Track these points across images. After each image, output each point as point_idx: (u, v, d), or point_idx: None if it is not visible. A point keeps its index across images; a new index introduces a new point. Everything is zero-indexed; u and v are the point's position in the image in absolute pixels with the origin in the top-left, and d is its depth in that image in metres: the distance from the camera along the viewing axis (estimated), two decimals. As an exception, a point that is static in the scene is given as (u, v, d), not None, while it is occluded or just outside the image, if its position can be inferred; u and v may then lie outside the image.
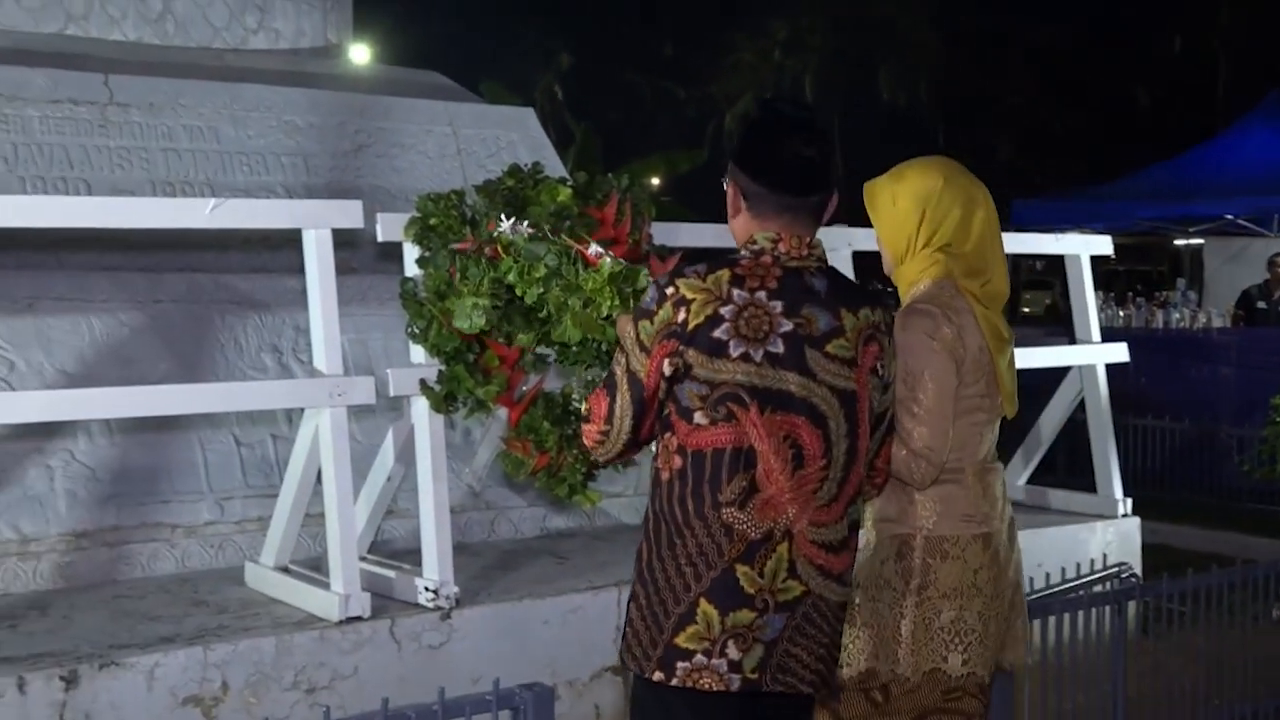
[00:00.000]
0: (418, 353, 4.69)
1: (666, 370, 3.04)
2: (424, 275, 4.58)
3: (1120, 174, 18.56)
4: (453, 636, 4.68)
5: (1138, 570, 6.14)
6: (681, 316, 3.02)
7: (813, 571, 3.07)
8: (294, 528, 4.98)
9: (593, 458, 3.46)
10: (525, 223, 4.39)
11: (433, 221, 4.56)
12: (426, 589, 4.70)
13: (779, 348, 3.03)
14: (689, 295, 3.04)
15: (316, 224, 4.67)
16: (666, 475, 3.08)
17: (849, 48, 41.51)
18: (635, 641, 3.11)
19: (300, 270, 4.77)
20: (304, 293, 4.74)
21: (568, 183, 4.57)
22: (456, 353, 4.56)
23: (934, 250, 3.46)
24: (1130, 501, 6.70)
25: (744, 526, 3.02)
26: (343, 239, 5.23)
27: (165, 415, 5.18)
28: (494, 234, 4.41)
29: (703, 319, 3.02)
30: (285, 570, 4.96)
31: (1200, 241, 18.86)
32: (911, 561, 3.40)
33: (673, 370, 3.04)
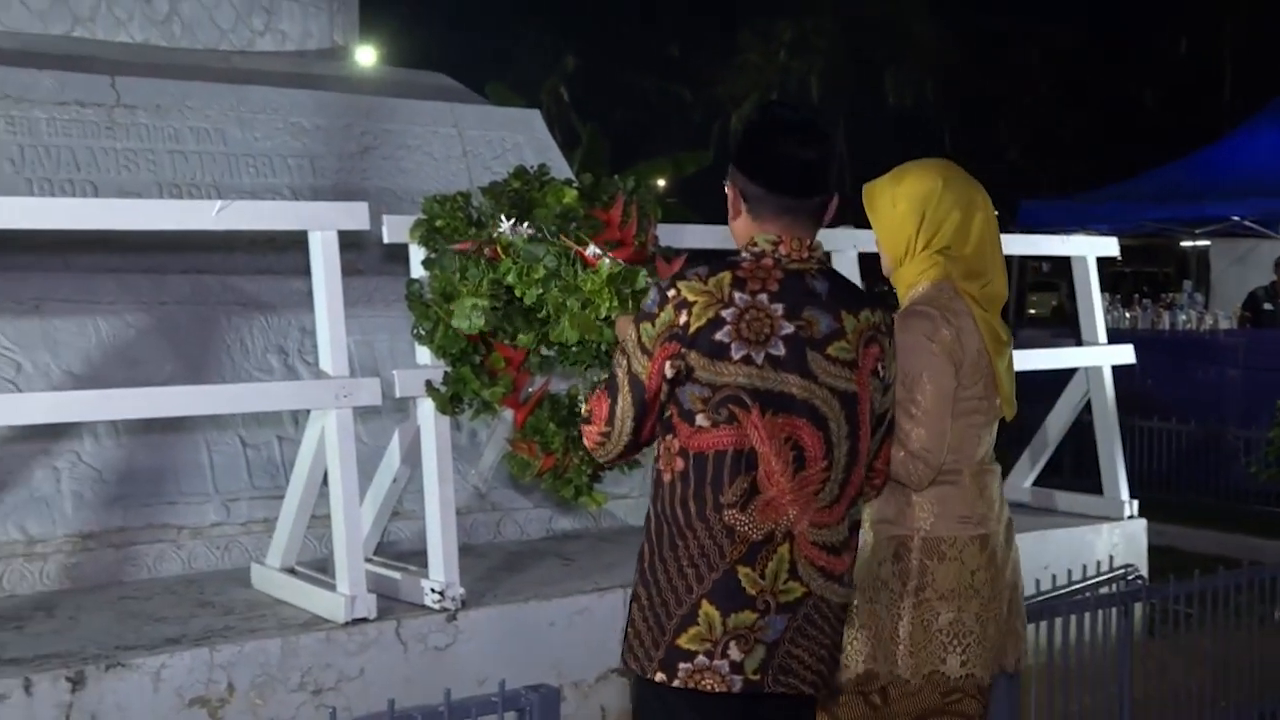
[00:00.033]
0: (424, 354, 4.69)
1: (668, 373, 3.04)
2: (430, 277, 4.58)
3: (1127, 175, 18.53)
4: (459, 638, 4.68)
5: (1144, 572, 6.14)
6: (683, 319, 3.03)
7: (814, 573, 3.08)
8: (300, 529, 4.99)
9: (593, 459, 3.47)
10: (525, 224, 4.39)
11: (438, 223, 4.56)
12: (432, 590, 4.70)
13: (780, 350, 3.03)
14: (690, 298, 3.04)
15: (323, 226, 4.68)
16: (668, 477, 3.09)
17: (855, 49, 41.51)
18: (637, 642, 3.12)
19: (306, 272, 4.77)
20: (310, 294, 4.74)
21: (573, 184, 4.57)
22: (462, 354, 4.56)
23: (933, 252, 3.47)
24: (1136, 503, 6.69)
25: (745, 528, 3.02)
26: (349, 241, 5.23)
27: (171, 417, 5.19)
28: (493, 235, 4.42)
29: (704, 322, 3.02)
30: (291, 572, 4.96)
31: (1207, 243, 18.84)
32: (909, 563, 3.40)
33: (674, 373, 3.04)
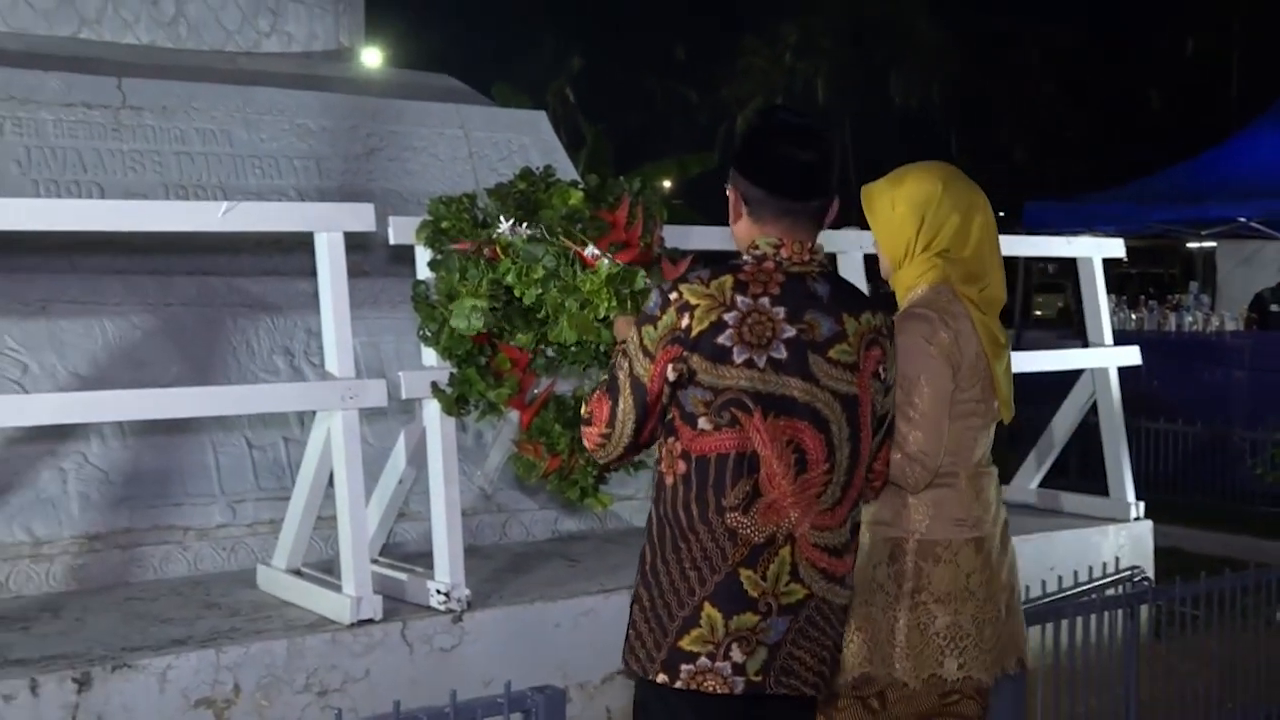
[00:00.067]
0: (429, 355, 4.70)
1: (671, 376, 3.05)
2: (436, 278, 4.58)
3: (1133, 177, 18.51)
4: (464, 639, 4.68)
5: (1150, 574, 6.13)
6: (685, 322, 3.03)
7: (815, 575, 3.09)
8: (306, 530, 4.99)
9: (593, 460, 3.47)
10: (524, 224, 4.40)
11: (444, 225, 4.57)
12: (438, 591, 4.70)
13: (782, 353, 3.04)
14: (693, 301, 3.04)
15: (329, 227, 4.68)
16: (670, 480, 3.09)
17: (861, 51, 41.51)
18: (639, 644, 3.13)
19: (312, 273, 4.77)
20: (316, 296, 4.74)
21: (579, 186, 4.57)
22: (468, 355, 4.56)
23: (932, 255, 3.47)
24: (1142, 505, 6.68)
25: (747, 531, 3.03)
26: (355, 242, 5.23)
27: (177, 418, 5.19)
28: (493, 235, 4.42)
29: (706, 325, 3.02)
30: (297, 573, 4.96)
31: (1213, 244, 18.82)
32: (904, 565, 3.40)
33: (677, 376, 3.05)
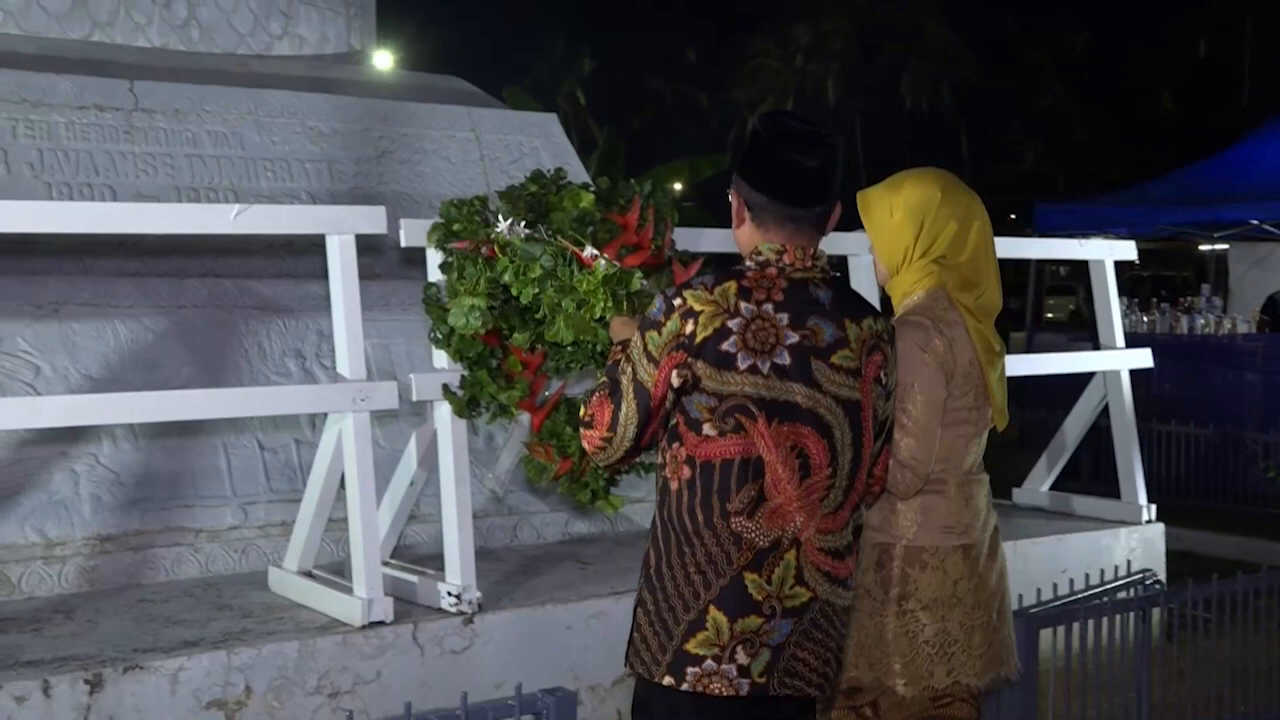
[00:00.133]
0: (440, 358, 4.70)
1: (675, 382, 3.06)
2: (447, 280, 4.59)
3: (1144, 179, 18.46)
4: (475, 641, 4.68)
5: (1162, 577, 6.12)
6: (689, 328, 3.04)
7: (820, 578, 3.10)
8: (317, 532, 4.99)
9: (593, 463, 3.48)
10: (522, 223, 4.40)
11: (456, 227, 4.57)
12: (449, 594, 4.70)
13: (785, 360, 3.06)
14: (697, 307, 3.05)
15: (340, 229, 4.69)
16: (675, 485, 3.11)
17: (871, 52, 41.49)
18: (644, 646, 3.14)
19: (324, 275, 4.78)
20: (327, 298, 4.75)
21: (590, 188, 4.57)
22: (479, 358, 4.56)
23: (929, 261, 3.47)
24: (1154, 508, 6.67)
25: (752, 535, 3.05)
26: (366, 244, 5.25)
27: (189, 420, 5.20)
28: (491, 234, 4.44)
29: (710, 331, 3.04)
30: (308, 575, 4.97)
31: (1225, 247, 18.76)
32: (891, 571, 3.40)
33: (681, 382, 3.06)
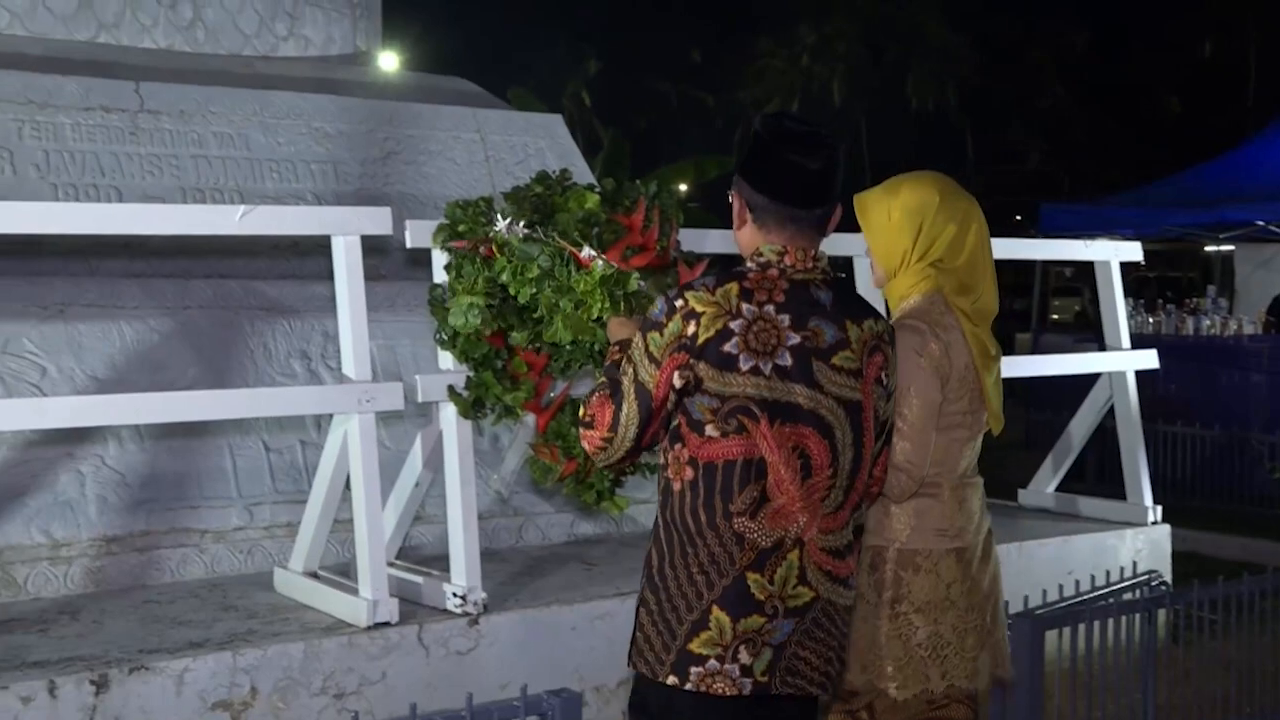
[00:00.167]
0: (446, 359, 4.70)
1: (677, 383, 3.06)
2: (449, 280, 4.59)
3: (1150, 180, 18.44)
4: (480, 642, 4.69)
5: (1168, 578, 6.12)
6: (691, 330, 3.05)
7: (822, 577, 3.12)
8: (323, 533, 5.00)
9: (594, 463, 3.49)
10: (520, 222, 4.41)
11: (461, 228, 4.57)
12: (454, 595, 4.70)
13: (787, 361, 3.06)
14: (698, 309, 3.06)
15: (346, 231, 4.69)
16: (678, 486, 3.11)
17: (877, 53, 41.46)
18: (647, 646, 3.14)
19: (329, 277, 4.78)
20: (333, 299, 4.75)
21: (596, 189, 4.58)
22: (484, 359, 4.57)
23: (926, 265, 3.47)
24: (1160, 509, 6.67)
25: (755, 535, 3.05)
26: (372, 245, 5.25)
27: (195, 421, 5.21)
28: (489, 233, 4.44)
29: (713, 333, 3.04)
30: (314, 576, 4.97)
31: (1231, 248, 18.72)
32: (883, 574, 3.40)
33: (683, 383, 3.06)
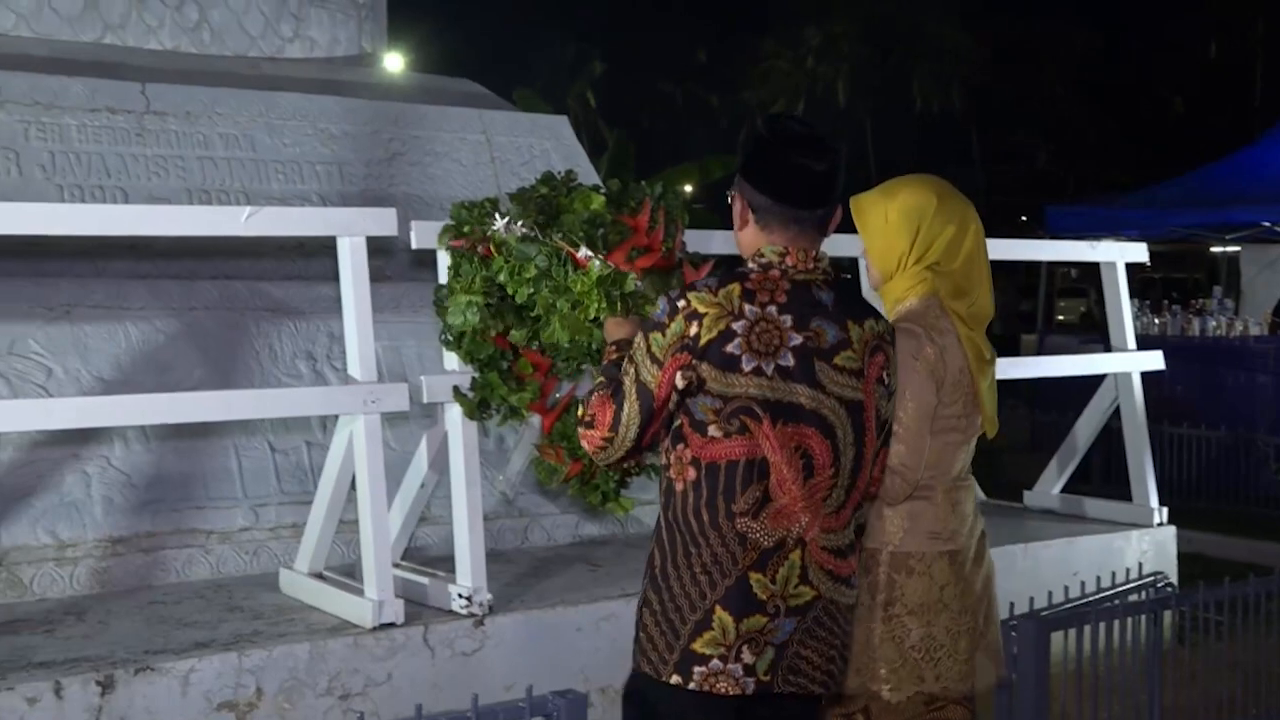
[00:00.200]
0: (451, 360, 4.70)
1: (679, 384, 3.07)
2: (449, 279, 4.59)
3: (1156, 181, 18.43)
4: (486, 643, 4.69)
5: (1173, 579, 6.11)
6: (694, 330, 3.06)
7: (824, 576, 3.13)
8: (328, 534, 5.00)
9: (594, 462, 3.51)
10: (519, 223, 4.41)
11: (466, 229, 4.58)
12: (460, 596, 4.71)
13: (789, 361, 3.07)
14: (701, 309, 3.07)
15: (351, 232, 4.70)
16: (680, 486, 3.12)
17: (882, 54, 41.43)
18: (650, 646, 3.15)
19: (335, 278, 4.78)
20: (338, 300, 4.76)
21: (601, 190, 4.58)
22: (490, 360, 4.57)
23: (923, 268, 3.47)
24: (1166, 510, 6.66)
25: (758, 535, 3.07)
26: (377, 246, 5.25)
27: (200, 422, 5.21)
28: (487, 232, 4.45)
29: (715, 334, 3.05)
30: (319, 576, 4.97)
31: (1237, 249, 18.71)
32: (877, 576, 3.40)
33: (686, 384, 3.07)
